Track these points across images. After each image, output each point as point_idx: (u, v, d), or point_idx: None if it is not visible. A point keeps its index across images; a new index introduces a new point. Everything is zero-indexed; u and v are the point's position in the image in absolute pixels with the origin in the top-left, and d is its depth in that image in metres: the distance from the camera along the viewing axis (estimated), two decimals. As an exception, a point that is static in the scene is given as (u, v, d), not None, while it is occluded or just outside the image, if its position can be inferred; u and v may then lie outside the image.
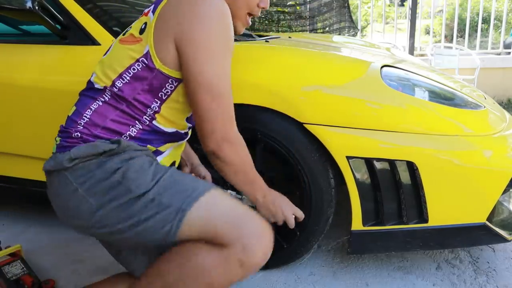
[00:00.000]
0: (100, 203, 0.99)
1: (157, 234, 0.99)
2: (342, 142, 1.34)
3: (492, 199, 1.37)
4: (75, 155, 1.00)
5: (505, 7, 5.41)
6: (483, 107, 1.51)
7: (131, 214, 0.98)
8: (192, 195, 1.00)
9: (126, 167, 1.00)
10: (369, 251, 1.51)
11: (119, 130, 1.05)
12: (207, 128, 1.04)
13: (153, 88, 1.05)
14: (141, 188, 0.98)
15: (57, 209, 1.07)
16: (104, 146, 1.00)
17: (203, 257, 0.99)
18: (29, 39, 1.79)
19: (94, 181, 0.99)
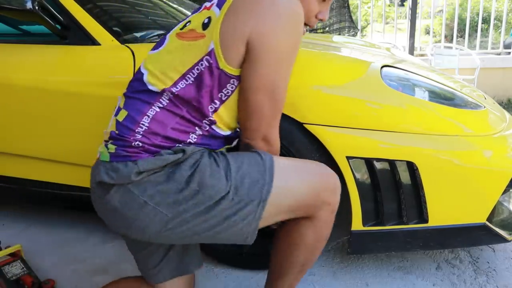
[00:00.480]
0: (176, 212, 0.96)
1: (238, 227, 0.99)
2: (342, 142, 1.34)
3: (492, 199, 1.37)
4: (143, 168, 0.95)
5: (505, 7, 5.41)
6: (483, 107, 1.51)
7: (212, 217, 0.97)
8: (266, 182, 0.98)
9: (200, 175, 0.96)
10: (369, 251, 1.51)
11: (179, 139, 1.00)
12: (252, 124, 1.04)
13: (215, 89, 0.99)
14: (221, 192, 0.96)
15: (114, 221, 1.01)
16: (172, 157, 0.96)
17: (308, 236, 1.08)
18: (29, 39, 1.79)
19: (167, 194, 0.95)
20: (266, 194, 0.98)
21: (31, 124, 1.63)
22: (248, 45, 0.96)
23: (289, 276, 1.16)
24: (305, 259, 1.13)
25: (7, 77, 1.61)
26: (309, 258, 1.14)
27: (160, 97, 0.99)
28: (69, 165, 1.65)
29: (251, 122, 1.03)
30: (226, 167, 0.99)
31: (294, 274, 1.16)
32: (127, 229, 1.00)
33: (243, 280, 1.56)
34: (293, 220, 1.08)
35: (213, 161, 0.99)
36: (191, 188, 0.95)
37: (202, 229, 0.98)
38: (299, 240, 1.09)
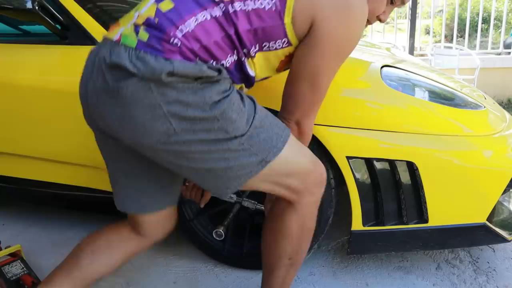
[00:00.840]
0: (185, 130, 0.90)
1: (228, 175, 0.96)
2: (342, 142, 1.34)
3: (492, 199, 1.37)
4: (178, 70, 0.87)
5: (505, 7, 5.41)
6: (483, 107, 1.51)
7: (214, 151, 0.93)
8: (277, 146, 0.98)
9: (226, 105, 0.92)
10: (369, 251, 1.51)
11: (217, 56, 0.94)
12: (290, 106, 1.07)
13: (264, 34, 0.96)
14: (237, 131, 0.93)
15: (111, 114, 0.92)
16: (208, 71, 0.90)
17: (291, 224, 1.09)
18: (29, 39, 1.79)
19: (186, 108, 0.89)
20: (272, 156, 0.97)
21: (31, 124, 1.63)
22: (312, 26, 0.97)
23: (280, 270, 1.17)
24: (292, 251, 1.14)
25: (7, 77, 1.61)
26: (295, 250, 1.14)
27: (215, 6, 0.93)
28: (69, 165, 1.65)
29: (290, 103, 1.07)
30: (252, 112, 0.97)
31: (284, 268, 1.16)
32: (122, 127, 0.92)
33: (243, 280, 1.56)
34: (277, 209, 1.11)
35: (240, 99, 0.96)
36: (213, 113, 0.90)
37: (197, 159, 0.94)
38: (284, 229, 1.11)
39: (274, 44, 0.98)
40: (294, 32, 0.97)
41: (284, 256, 1.14)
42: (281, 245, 1.13)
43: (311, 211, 1.11)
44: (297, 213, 1.09)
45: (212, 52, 0.93)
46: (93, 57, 0.96)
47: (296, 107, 1.07)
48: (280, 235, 1.12)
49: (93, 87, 0.94)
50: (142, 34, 0.90)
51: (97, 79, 0.92)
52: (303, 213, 1.10)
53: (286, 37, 0.98)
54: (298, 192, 1.06)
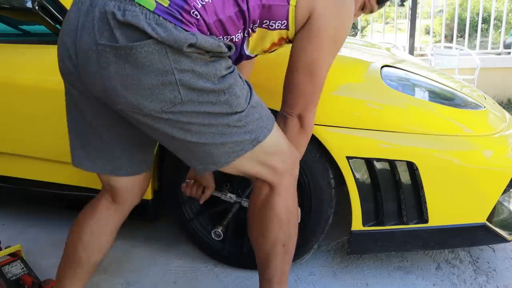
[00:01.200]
0: (190, 99, 0.90)
1: (220, 151, 0.97)
2: (342, 142, 1.34)
3: (492, 199, 1.37)
4: (201, 43, 0.87)
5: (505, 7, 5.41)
6: (483, 107, 1.51)
7: (215, 125, 0.94)
8: (268, 127, 1.02)
9: (234, 80, 0.94)
10: (369, 251, 1.51)
11: (228, 31, 0.96)
12: (291, 100, 1.10)
13: (269, 11, 1.00)
14: (238, 107, 0.95)
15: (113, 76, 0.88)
16: (223, 48, 0.91)
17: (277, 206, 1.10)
18: (29, 39, 1.79)
19: (197, 78, 0.89)
20: (263, 136, 1.00)
21: (31, 124, 1.63)
22: (310, 17, 1.02)
23: (276, 259, 1.16)
24: (285, 236, 1.14)
25: (7, 77, 1.61)
26: (287, 234, 1.14)
27: None
28: (69, 165, 1.64)
29: (291, 97, 1.10)
30: (249, 92, 1.00)
31: (280, 256, 1.16)
32: (125, 89, 0.88)
33: (243, 280, 1.56)
34: (260, 198, 1.11)
35: (240, 78, 0.99)
36: (221, 85, 0.92)
37: (195, 132, 0.94)
38: (273, 215, 1.11)
39: (274, 23, 1.02)
40: (295, 17, 1.02)
41: (278, 243, 1.14)
42: (273, 232, 1.13)
43: (293, 192, 1.13)
44: (281, 196, 1.10)
45: (225, 27, 0.95)
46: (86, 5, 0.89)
47: (297, 100, 1.09)
48: (271, 222, 1.12)
49: (92, 42, 0.87)
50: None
51: (100, 33, 0.86)
52: (287, 195, 1.11)
53: (287, 20, 1.02)
54: (280, 173, 1.07)
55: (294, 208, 1.16)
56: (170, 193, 1.60)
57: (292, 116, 1.12)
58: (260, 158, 1.03)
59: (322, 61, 1.06)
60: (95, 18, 0.87)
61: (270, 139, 1.02)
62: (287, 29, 1.04)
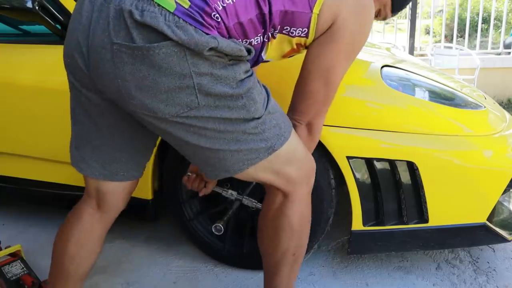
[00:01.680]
0: (207, 104, 0.87)
1: (234, 158, 0.95)
2: (342, 142, 1.34)
3: (492, 199, 1.37)
4: (222, 47, 0.84)
5: (505, 7, 5.41)
6: (483, 107, 1.51)
7: (231, 131, 0.92)
8: (285, 135, 0.99)
9: (252, 84, 0.92)
10: (369, 251, 1.51)
11: (249, 35, 0.93)
12: (303, 107, 1.07)
13: (292, 18, 0.96)
14: (256, 113, 0.93)
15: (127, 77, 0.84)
16: (243, 51, 0.89)
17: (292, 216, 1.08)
18: (29, 39, 1.79)
19: (215, 81, 0.86)
20: (280, 144, 0.97)
21: (31, 124, 1.63)
22: (332, 25, 1.00)
23: (285, 268, 1.14)
24: (296, 245, 1.12)
25: (7, 77, 1.61)
26: (298, 244, 1.13)
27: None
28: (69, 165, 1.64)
29: (302, 104, 1.07)
30: (266, 97, 0.98)
31: (288, 265, 1.14)
32: (139, 91, 0.85)
33: (243, 280, 1.56)
34: (273, 205, 1.09)
35: (258, 83, 0.96)
36: (239, 90, 0.89)
37: (210, 137, 0.92)
38: (285, 223, 1.09)
39: (295, 30, 0.99)
40: (316, 25, 0.99)
41: (288, 253, 1.12)
42: (284, 241, 1.11)
43: (307, 201, 1.11)
44: (295, 205, 1.08)
45: (246, 30, 0.91)
46: (100, 1, 0.86)
47: (310, 107, 1.07)
48: (282, 230, 1.10)
49: (106, 40, 0.84)
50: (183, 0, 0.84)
51: (115, 32, 0.83)
52: (301, 204, 1.09)
53: (308, 28, 0.99)
54: (294, 182, 1.05)
55: (308, 218, 1.13)
56: (171, 193, 1.60)
57: (300, 124, 1.09)
58: (274, 166, 1.01)
59: (339, 68, 1.04)
60: (110, 15, 0.83)
61: (286, 147, 0.99)
62: (307, 37, 1.01)
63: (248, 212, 1.58)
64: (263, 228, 1.15)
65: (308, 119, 1.08)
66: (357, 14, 1.01)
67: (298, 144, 1.05)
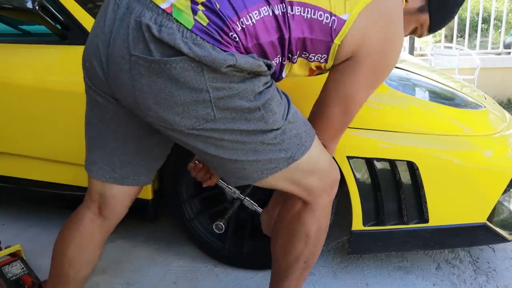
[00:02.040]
0: (224, 117, 0.87)
1: (253, 167, 0.94)
2: (342, 142, 1.33)
3: (492, 199, 1.37)
4: (239, 65, 0.83)
5: (505, 7, 5.41)
6: (483, 107, 1.51)
7: (248, 142, 0.91)
8: (306, 145, 0.97)
9: (269, 96, 0.90)
10: (369, 251, 1.51)
11: (268, 56, 0.91)
12: (319, 130, 1.03)
13: (310, 45, 0.93)
14: (275, 124, 0.91)
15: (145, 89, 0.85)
16: (263, 67, 0.87)
17: (310, 224, 1.06)
18: (29, 39, 1.79)
19: (231, 95, 0.85)
20: (300, 154, 0.95)
21: (31, 124, 1.63)
22: (354, 54, 0.95)
23: (294, 275, 1.13)
24: (309, 253, 1.10)
25: (7, 77, 1.61)
26: (312, 252, 1.11)
27: (278, 4, 0.88)
28: (69, 165, 1.65)
29: (318, 126, 1.03)
30: (286, 106, 0.95)
31: (299, 272, 1.12)
32: (156, 103, 0.85)
33: (243, 280, 1.56)
34: (292, 211, 1.07)
35: (277, 93, 0.94)
36: (257, 102, 0.88)
37: (227, 148, 0.91)
38: (301, 230, 1.07)
39: (314, 56, 0.96)
40: (336, 53, 0.95)
41: (300, 260, 1.10)
42: (298, 248, 1.09)
43: (327, 211, 1.09)
44: (315, 214, 1.06)
45: (265, 51, 0.90)
46: (123, 9, 0.85)
47: (325, 131, 1.04)
48: (297, 237, 1.08)
49: (125, 51, 0.84)
50: (200, 16, 0.82)
51: (134, 44, 0.83)
52: (320, 214, 1.07)
53: (327, 55, 0.96)
54: (315, 193, 1.04)
55: (325, 228, 1.11)
56: (171, 193, 1.60)
57: None
58: (295, 176, 0.99)
59: (359, 97, 1.01)
60: (130, 27, 0.83)
61: (307, 157, 0.97)
62: (326, 62, 0.98)
63: (248, 213, 1.58)
64: (279, 231, 1.13)
65: (322, 142, 1.05)
66: (384, 43, 0.97)
67: (321, 154, 1.02)
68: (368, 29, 0.94)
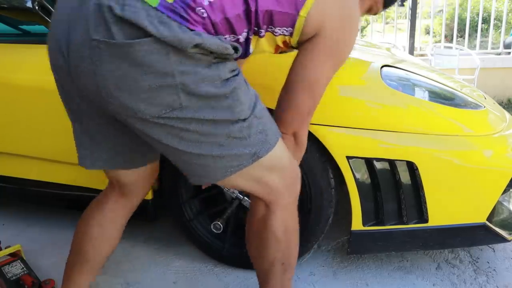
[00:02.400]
0: (190, 105, 0.84)
1: (217, 164, 0.91)
2: (342, 142, 1.34)
3: (492, 199, 1.37)
4: (208, 45, 0.81)
5: (505, 7, 5.41)
6: (483, 107, 1.51)
7: (214, 133, 0.88)
8: (271, 142, 0.95)
9: (237, 84, 0.88)
10: (369, 251, 1.51)
11: (236, 30, 0.89)
12: (289, 118, 1.04)
13: (276, 18, 0.93)
14: (241, 114, 0.89)
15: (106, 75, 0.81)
16: (229, 49, 0.85)
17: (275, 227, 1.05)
18: (29, 39, 1.79)
19: (199, 80, 0.83)
20: (265, 152, 0.94)
21: (31, 124, 1.63)
22: (317, 33, 0.96)
23: (275, 279, 1.12)
24: (283, 255, 1.09)
25: (7, 77, 1.61)
26: (286, 253, 1.10)
27: None
28: (69, 165, 1.65)
29: (287, 114, 1.03)
30: (254, 99, 0.94)
31: (279, 274, 1.12)
32: (118, 90, 0.82)
33: (243, 280, 1.56)
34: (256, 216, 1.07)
35: (245, 83, 0.93)
36: (224, 89, 0.86)
37: (192, 141, 0.88)
38: (269, 234, 1.06)
39: (280, 29, 0.96)
40: (303, 28, 0.96)
41: (276, 263, 1.10)
42: (270, 253, 1.09)
43: (291, 211, 1.07)
44: (278, 216, 1.05)
45: (233, 25, 0.88)
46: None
47: (295, 118, 1.04)
48: (267, 243, 1.07)
49: (85, 36, 0.80)
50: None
51: (94, 28, 0.79)
52: (284, 215, 1.06)
53: (293, 28, 0.95)
54: (277, 192, 1.02)
55: (294, 227, 1.10)
56: (170, 193, 1.60)
57: (287, 134, 1.06)
58: (257, 174, 0.98)
59: (324, 78, 1.02)
60: (90, 10, 0.80)
61: (271, 155, 0.96)
62: (291, 36, 0.98)
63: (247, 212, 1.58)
64: (249, 239, 1.13)
65: (293, 130, 1.06)
66: (343, 23, 0.98)
67: (284, 151, 1.02)
68: (328, 5, 0.96)
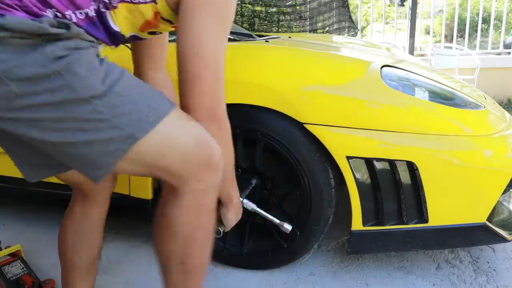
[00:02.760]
0: (26, 91, 0.75)
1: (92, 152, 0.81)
2: (342, 142, 1.34)
3: (492, 199, 1.37)
4: (11, 25, 0.72)
5: (505, 7, 5.41)
6: (483, 107, 1.51)
7: (66, 117, 0.78)
8: (149, 121, 0.82)
9: (73, 59, 0.77)
10: (369, 251, 1.51)
11: (78, 4, 0.81)
12: (194, 100, 0.89)
13: None
14: (88, 91, 0.77)
15: None
16: (52, 30, 0.75)
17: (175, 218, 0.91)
18: None
19: (22, 64, 0.74)
20: (142, 132, 0.81)
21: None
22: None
23: (172, 276, 0.99)
24: (182, 254, 0.94)
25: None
26: (186, 252, 0.94)
27: None
28: (69, 165, 1.65)
29: (193, 96, 0.89)
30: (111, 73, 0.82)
31: (176, 274, 0.98)
32: None
33: (243, 280, 1.56)
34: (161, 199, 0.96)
35: (97, 58, 0.81)
36: (54, 67, 0.75)
37: (51, 129, 0.79)
38: (164, 222, 0.93)
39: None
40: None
41: (173, 259, 0.96)
42: (166, 245, 0.95)
43: (200, 204, 0.91)
44: (180, 205, 0.90)
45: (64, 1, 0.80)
46: None
47: (202, 96, 0.89)
48: (162, 230, 0.94)
49: None
50: None
51: None
52: (189, 205, 0.90)
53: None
54: (179, 177, 0.88)
55: (201, 225, 0.93)
56: (170, 193, 1.60)
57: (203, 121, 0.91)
58: (146, 158, 0.85)
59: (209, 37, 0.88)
60: None
61: (155, 137, 0.83)
62: (154, 2, 0.88)
63: (247, 213, 1.57)
64: (154, 228, 1.00)
65: (207, 113, 0.91)
66: None
67: (179, 131, 0.87)
68: None
